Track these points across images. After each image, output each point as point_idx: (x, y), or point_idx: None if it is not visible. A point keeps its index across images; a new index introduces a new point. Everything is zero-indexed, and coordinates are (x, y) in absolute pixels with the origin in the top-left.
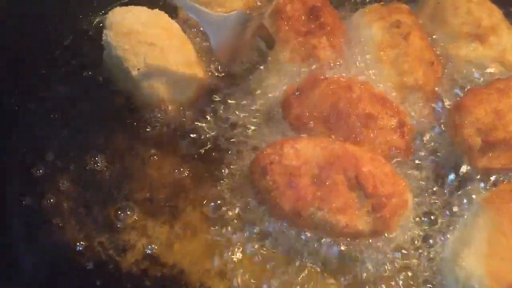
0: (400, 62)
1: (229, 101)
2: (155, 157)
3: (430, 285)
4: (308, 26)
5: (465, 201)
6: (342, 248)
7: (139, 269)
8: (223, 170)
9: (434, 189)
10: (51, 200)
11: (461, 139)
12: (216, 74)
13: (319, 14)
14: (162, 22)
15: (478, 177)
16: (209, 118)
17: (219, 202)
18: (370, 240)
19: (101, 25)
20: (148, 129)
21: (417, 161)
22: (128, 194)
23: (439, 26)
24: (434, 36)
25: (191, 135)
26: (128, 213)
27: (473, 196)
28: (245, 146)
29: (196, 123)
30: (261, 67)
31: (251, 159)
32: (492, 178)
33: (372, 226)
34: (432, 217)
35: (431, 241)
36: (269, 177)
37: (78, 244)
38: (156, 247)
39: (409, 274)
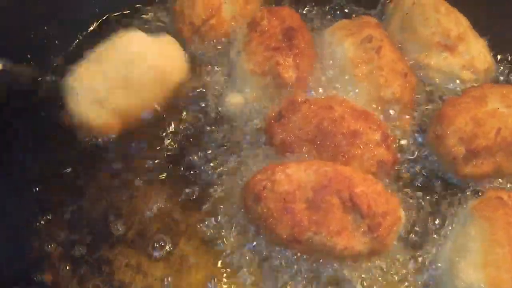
0: (376, 77)
1: (208, 128)
2: (139, 191)
3: None
4: (278, 44)
5: (453, 210)
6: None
7: None
8: (210, 196)
9: (422, 200)
10: None
11: (445, 149)
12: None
13: (293, 35)
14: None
15: (464, 185)
16: (191, 144)
17: (211, 231)
18: None
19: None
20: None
21: (402, 173)
22: (116, 232)
23: (409, 36)
24: (402, 46)
25: (171, 165)
26: (119, 250)
27: (461, 205)
28: (229, 170)
29: (172, 150)
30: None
31: (236, 184)
32: (478, 185)
33: (370, 246)
34: (424, 229)
35: (424, 254)
36: (263, 203)
37: None
38: (153, 284)
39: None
